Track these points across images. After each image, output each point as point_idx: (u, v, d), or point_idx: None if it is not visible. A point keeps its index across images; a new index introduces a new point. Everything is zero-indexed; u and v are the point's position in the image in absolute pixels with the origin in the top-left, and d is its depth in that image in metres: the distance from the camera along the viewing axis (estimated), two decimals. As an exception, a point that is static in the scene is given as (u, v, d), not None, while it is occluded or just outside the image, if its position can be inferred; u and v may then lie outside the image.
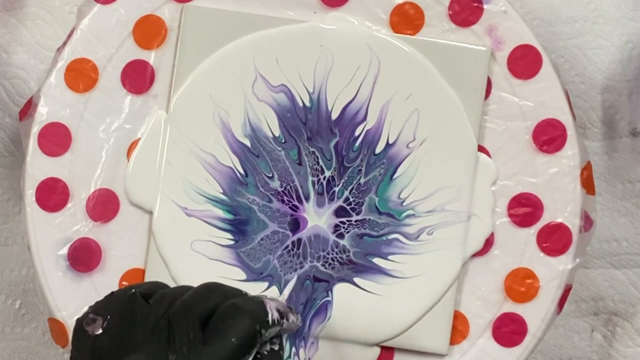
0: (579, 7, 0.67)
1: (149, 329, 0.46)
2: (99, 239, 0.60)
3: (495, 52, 0.60)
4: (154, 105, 0.61)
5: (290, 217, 0.60)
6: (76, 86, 0.60)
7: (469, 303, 0.60)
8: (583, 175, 0.60)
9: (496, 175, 0.60)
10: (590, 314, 0.68)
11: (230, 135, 0.60)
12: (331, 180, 0.60)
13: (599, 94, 0.68)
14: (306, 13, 0.61)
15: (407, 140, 0.60)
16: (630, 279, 0.68)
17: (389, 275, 0.60)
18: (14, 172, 0.67)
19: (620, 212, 0.68)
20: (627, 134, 0.67)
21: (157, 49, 0.61)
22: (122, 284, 0.60)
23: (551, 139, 0.60)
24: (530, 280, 0.60)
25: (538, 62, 0.60)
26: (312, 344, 0.60)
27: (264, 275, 0.60)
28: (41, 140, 0.60)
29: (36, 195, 0.60)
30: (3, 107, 0.68)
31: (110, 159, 0.60)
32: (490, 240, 0.60)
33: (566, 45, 0.67)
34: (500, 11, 0.60)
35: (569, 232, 0.60)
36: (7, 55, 0.68)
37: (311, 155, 0.60)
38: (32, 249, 0.60)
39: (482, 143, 0.60)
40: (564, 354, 0.68)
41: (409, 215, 0.60)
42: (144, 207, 0.60)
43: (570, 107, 0.60)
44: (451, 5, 0.60)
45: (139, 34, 0.60)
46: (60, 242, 0.60)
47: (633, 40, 0.67)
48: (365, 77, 0.60)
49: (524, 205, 0.60)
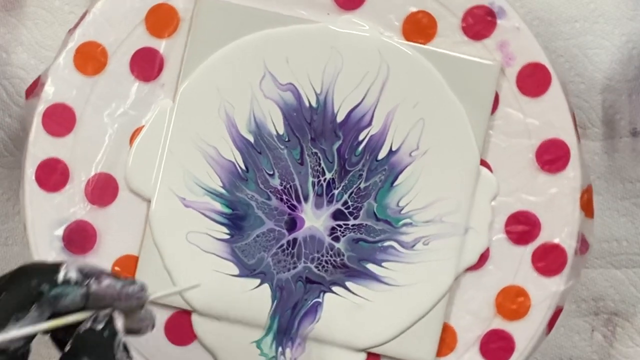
0: (579, 7, 0.67)
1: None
2: (95, 222, 0.60)
3: (505, 68, 0.60)
4: (160, 93, 0.61)
5: (287, 216, 0.60)
6: (84, 69, 0.60)
7: (459, 316, 0.60)
8: (583, 197, 0.60)
9: (496, 191, 0.60)
10: (590, 314, 0.67)
11: (234, 129, 0.60)
12: (331, 183, 0.60)
13: (599, 94, 0.67)
14: (319, 14, 0.61)
15: (410, 148, 0.60)
16: (630, 279, 0.67)
17: (381, 282, 0.60)
18: (14, 172, 0.67)
19: (620, 212, 0.68)
20: (627, 134, 0.67)
21: (168, 38, 0.61)
22: (115, 269, 0.60)
23: (554, 159, 0.60)
24: (522, 298, 0.60)
25: (547, 81, 0.60)
26: (299, 344, 0.60)
27: (257, 272, 0.60)
28: (45, 120, 0.60)
29: (36, 174, 0.60)
30: (3, 107, 0.68)
31: (112, 144, 0.60)
32: (485, 256, 0.60)
33: (566, 45, 0.67)
34: (513, 27, 0.60)
35: (564, 253, 0.60)
36: (7, 55, 0.68)
37: (313, 156, 0.60)
38: (27, 227, 0.60)
39: (485, 157, 0.60)
40: (564, 354, 0.68)
41: (406, 223, 0.60)
42: (143, 194, 0.60)
43: (575, 128, 0.60)
44: (465, 18, 0.60)
45: (152, 21, 0.60)
46: (57, 223, 0.60)
47: (633, 40, 0.67)
48: (374, 82, 0.60)
49: (521, 223, 0.60)
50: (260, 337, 0.60)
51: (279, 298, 0.60)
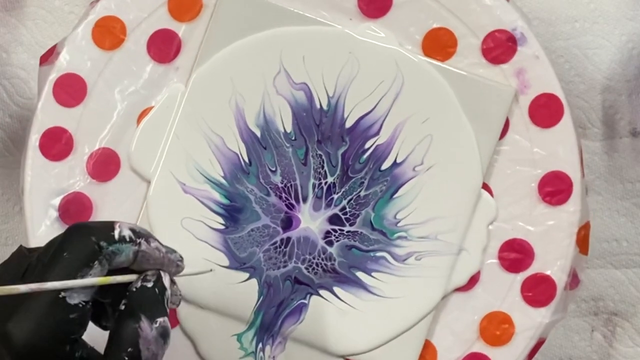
0: (579, 7, 0.67)
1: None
2: (92, 196, 0.60)
3: (519, 95, 0.60)
4: (174, 77, 0.61)
5: (284, 214, 0.60)
6: (102, 42, 0.60)
7: (442, 336, 0.60)
8: (580, 233, 0.60)
9: (495, 216, 0.60)
10: (590, 314, 0.68)
11: (242, 121, 0.60)
12: (332, 187, 0.60)
13: (599, 94, 0.67)
14: (341, 18, 0.61)
15: (414, 163, 0.60)
16: (630, 279, 0.67)
17: (369, 292, 0.60)
18: (14, 172, 0.67)
19: (620, 212, 0.68)
20: (627, 134, 0.67)
21: (188, 22, 0.61)
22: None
23: (556, 192, 0.60)
24: (506, 325, 0.60)
25: (559, 114, 0.60)
26: (280, 343, 0.60)
27: (247, 266, 0.60)
28: (56, 88, 0.60)
29: (40, 141, 0.60)
30: (3, 107, 0.68)
31: (120, 121, 0.60)
32: (476, 278, 0.60)
33: (566, 45, 0.67)
34: (532, 55, 0.60)
35: (554, 286, 0.60)
36: (7, 55, 0.68)
37: (318, 158, 0.60)
38: (25, 193, 0.60)
39: (488, 181, 0.60)
40: (564, 354, 0.68)
41: (401, 236, 0.60)
42: (143, 175, 0.60)
43: (581, 164, 0.60)
44: (486, 40, 0.60)
45: (174, 4, 0.60)
46: (54, 192, 0.60)
47: (633, 40, 0.67)
48: (387, 92, 0.60)
49: (515, 251, 0.60)
50: (242, 331, 0.60)
51: (266, 294, 0.60)
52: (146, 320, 0.45)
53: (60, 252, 0.44)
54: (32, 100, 0.67)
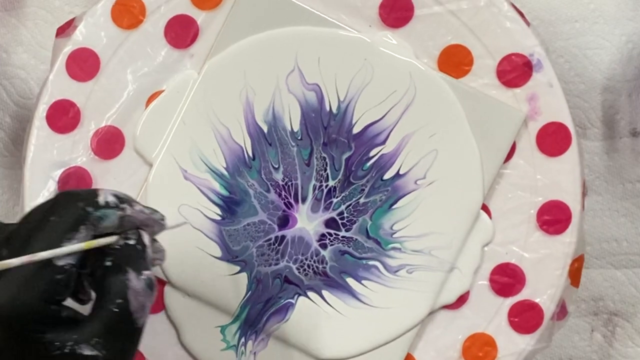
0: (579, 7, 0.67)
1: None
2: (93, 172, 0.60)
3: (528, 121, 0.60)
4: (187, 63, 0.61)
5: (282, 212, 0.60)
6: (120, 21, 0.60)
7: (424, 351, 0.60)
8: (573, 265, 0.60)
9: (491, 238, 0.60)
10: (590, 314, 0.68)
11: (250, 115, 0.60)
12: (332, 190, 0.60)
13: (599, 94, 0.67)
14: (361, 24, 0.61)
15: (417, 176, 0.60)
16: (630, 279, 0.67)
17: (357, 299, 0.60)
18: (14, 172, 0.67)
19: (620, 212, 0.68)
20: (627, 134, 0.67)
21: (208, 11, 0.61)
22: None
23: (554, 221, 0.60)
24: (489, 348, 0.60)
25: (566, 144, 0.60)
26: (262, 340, 0.60)
27: (239, 259, 0.60)
28: (69, 61, 0.60)
29: (48, 111, 0.60)
30: (3, 107, 0.68)
31: (129, 101, 0.60)
32: (464, 298, 0.60)
33: (566, 45, 0.67)
34: (547, 83, 0.60)
35: (541, 314, 0.60)
36: (7, 55, 0.68)
37: (321, 160, 0.60)
38: (26, 162, 0.60)
39: (488, 203, 0.60)
40: (564, 354, 0.68)
41: (395, 248, 0.60)
42: (146, 157, 0.60)
43: (582, 196, 0.60)
44: (501, 62, 0.60)
45: (196, -9, 0.60)
46: (56, 165, 0.60)
47: (633, 40, 0.67)
48: (398, 103, 0.60)
49: (507, 275, 0.60)
50: (226, 324, 0.60)
51: (254, 290, 0.60)
52: (133, 272, 0.47)
53: (49, 215, 0.46)
54: (32, 100, 0.67)
